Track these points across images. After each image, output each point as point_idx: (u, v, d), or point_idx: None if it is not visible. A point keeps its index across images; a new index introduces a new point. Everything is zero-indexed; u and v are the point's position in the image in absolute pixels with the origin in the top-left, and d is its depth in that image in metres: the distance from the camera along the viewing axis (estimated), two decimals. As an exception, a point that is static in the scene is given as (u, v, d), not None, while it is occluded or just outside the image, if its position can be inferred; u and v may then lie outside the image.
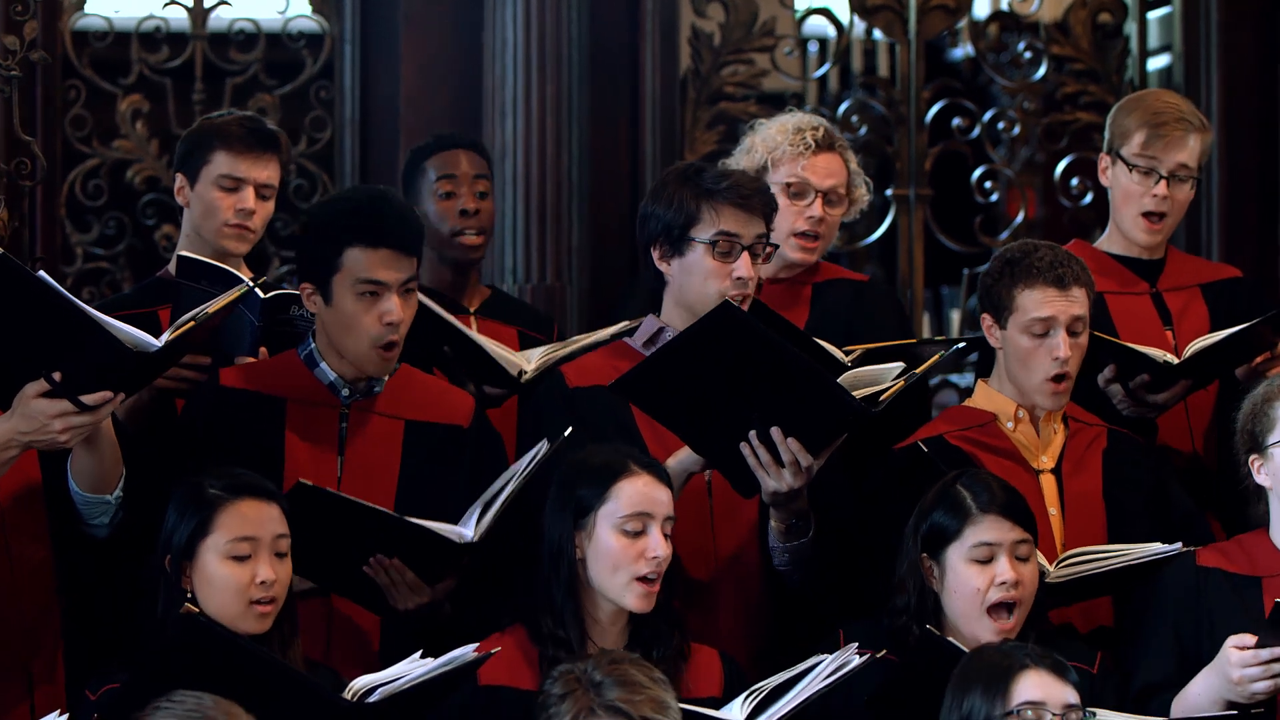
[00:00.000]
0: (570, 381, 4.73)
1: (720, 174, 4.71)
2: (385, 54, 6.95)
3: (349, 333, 4.56)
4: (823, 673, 4.16)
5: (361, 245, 4.52)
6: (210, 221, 5.01)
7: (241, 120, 5.07)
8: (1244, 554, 4.54)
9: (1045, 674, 4.07)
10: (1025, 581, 4.39)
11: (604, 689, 3.92)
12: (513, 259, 6.63)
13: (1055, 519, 4.81)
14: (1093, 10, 7.31)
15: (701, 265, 4.64)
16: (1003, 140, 7.35)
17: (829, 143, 5.27)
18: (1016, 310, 4.78)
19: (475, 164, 5.52)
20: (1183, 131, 5.24)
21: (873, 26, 7.22)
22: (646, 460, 4.35)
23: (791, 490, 4.46)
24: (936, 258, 7.41)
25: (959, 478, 4.46)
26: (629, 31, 6.93)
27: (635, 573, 4.24)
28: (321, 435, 4.61)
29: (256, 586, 4.17)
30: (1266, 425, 4.48)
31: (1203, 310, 5.36)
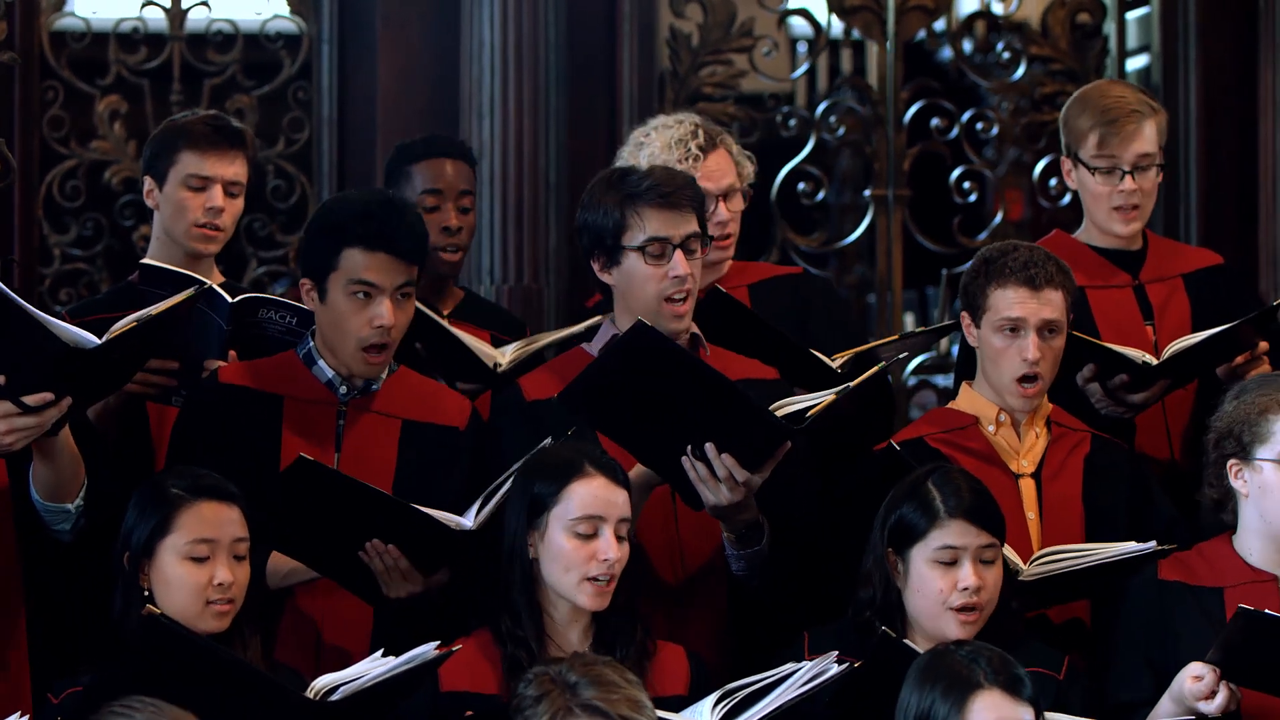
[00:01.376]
0: (528, 394, 4.72)
1: (641, 175, 4.67)
2: (363, 55, 6.95)
3: (339, 332, 4.57)
4: (800, 679, 4.15)
5: (360, 247, 4.53)
6: (179, 223, 5.01)
7: (206, 119, 5.06)
8: (1205, 564, 4.52)
9: (1000, 695, 4.03)
10: (988, 585, 4.38)
11: (579, 689, 3.91)
12: (490, 260, 6.63)
13: (1033, 523, 4.79)
14: (1071, 10, 7.31)
15: (638, 271, 4.62)
16: (989, 141, 7.35)
17: (711, 143, 5.21)
18: (989, 309, 4.78)
19: (462, 176, 5.50)
20: (1135, 124, 5.21)
21: (851, 27, 7.21)
22: (604, 460, 4.32)
23: (732, 504, 4.45)
24: (924, 259, 7.42)
25: (930, 474, 4.45)
26: (607, 32, 6.93)
27: (586, 574, 4.23)
28: (318, 432, 4.62)
29: (214, 588, 4.18)
30: (1259, 437, 4.44)
31: (1184, 303, 5.34)
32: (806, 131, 7.23)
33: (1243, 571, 4.48)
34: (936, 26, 7.30)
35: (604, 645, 4.27)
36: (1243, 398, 4.51)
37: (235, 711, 3.97)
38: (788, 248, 7.21)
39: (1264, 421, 4.44)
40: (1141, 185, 5.24)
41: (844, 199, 8.50)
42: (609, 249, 4.65)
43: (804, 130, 7.23)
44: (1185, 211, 7.15)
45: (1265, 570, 4.47)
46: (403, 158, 5.53)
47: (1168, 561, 4.55)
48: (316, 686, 3.98)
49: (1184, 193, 7.14)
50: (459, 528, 4.35)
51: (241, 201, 5.07)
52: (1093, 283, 5.27)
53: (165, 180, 5.01)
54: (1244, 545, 4.51)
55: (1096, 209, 5.29)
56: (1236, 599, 4.42)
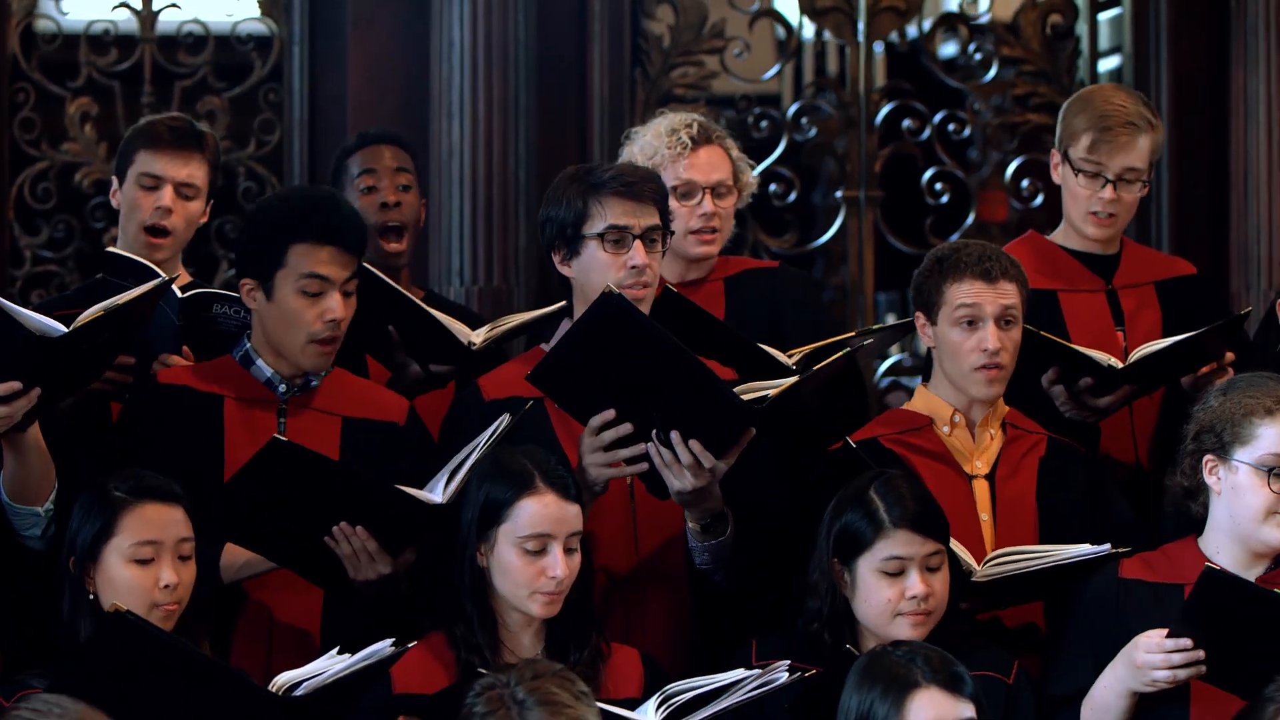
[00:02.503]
0: (487, 394, 4.70)
1: (605, 168, 4.69)
2: (333, 56, 6.95)
3: (289, 328, 4.57)
4: (746, 685, 4.14)
5: (308, 241, 4.54)
6: (131, 222, 5.01)
7: (166, 119, 5.08)
8: (1169, 563, 4.51)
9: (939, 692, 4.02)
10: (936, 592, 4.36)
11: (527, 709, 3.88)
12: (459, 261, 6.63)
13: (986, 525, 4.78)
14: (1043, 12, 7.31)
15: (596, 260, 4.61)
16: (970, 143, 7.35)
17: (706, 137, 5.22)
18: (945, 304, 4.77)
19: (398, 157, 5.52)
20: (1129, 136, 5.17)
21: (822, 28, 7.22)
22: (556, 474, 4.29)
23: (697, 489, 4.45)
24: (904, 261, 7.41)
25: (874, 481, 4.43)
26: (577, 33, 6.94)
27: (535, 589, 4.23)
28: (261, 431, 4.60)
29: (160, 590, 4.17)
30: (1239, 438, 4.41)
31: (1155, 310, 5.32)
32: (779, 133, 7.23)
33: None
34: (927, 26, 7.30)
35: (557, 649, 4.27)
36: (1230, 395, 4.48)
37: (198, 708, 3.97)
38: (759, 249, 7.21)
39: (1247, 424, 4.42)
40: (1123, 196, 5.21)
41: (829, 200, 8.49)
42: (569, 239, 4.65)
43: (776, 132, 7.23)
44: (1156, 212, 7.15)
45: (1231, 570, 4.45)
46: (340, 156, 5.59)
47: (1131, 560, 4.53)
48: (278, 682, 3.98)
49: (1155, 193, 7.13)
50: (431, 502, 4.35)
51: (198, 204, 5.06)
52: (1065, 286, 5.26)
53: (124, 180, 5.02)
54: (1210, 544, 4.49)
55: (1073, 208, 5.28)
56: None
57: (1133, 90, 5.38)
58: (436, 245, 6.65)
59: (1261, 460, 4.38)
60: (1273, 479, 4.37)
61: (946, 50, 7.58)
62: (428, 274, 6.65)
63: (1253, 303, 6.87)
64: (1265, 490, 4.37)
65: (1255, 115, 6.89)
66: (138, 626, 3.94)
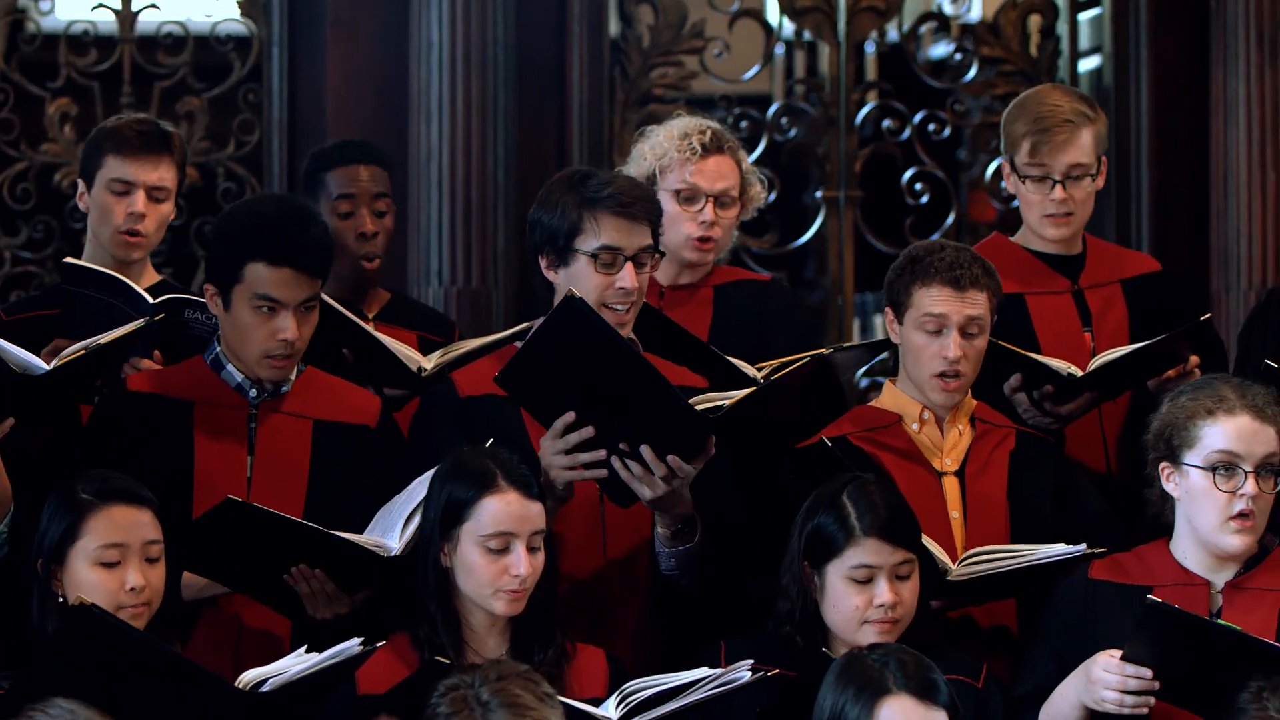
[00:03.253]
0: (461, 390, 4.70)
1: (604, 181, 4.66)
2: (312, 57, 6.95)
3: (242, 342, 4.59)
4: (708, 683, 4.14)
5: (264, 261, 4.52)
6: (104, 227, 5.00)
7: (134, 123, 5.05)
8: (1140, 564, 4.50)
9: (909, 700, 4.03)
10: (905, 600, 4.36)
11: (490, 711, 3.89)
12: (438, 262, 6.62)
13: (957, 522, 4.78)
14: (1023, 11, 7.31)
15: (585, 276, 4.60)
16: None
17: (718, 145, 5.22)
18: (912, 307, 4.77)
19: (376, 180, 5.47)
20: (1068, 133, 5.17)
21: (802, 28, 7.21)
22: (517, 473, 4.29)
23: (664, 497, 4.45)
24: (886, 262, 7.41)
25: (847, 486, 4.43)
26: (556, 33, 6.94)
27: (499, 587, 4.23)
28: (230, 436, 4.62)
29: (126, 593, 4.16)
30: (1186, 441, 4.42)
31: (1122, 309, 5.32)
32: (759, 133, 7.23)
33: (1176, 573, 4.46)
34: (907, 27, 7.30)
35: (521, 649, 4.27)
36: (1176, 401, 4.49)
37: (163, 705, 3.96)
38: (739, 250, 7.21)
39: (1192, 426, 4.43)
40: (1073, 194, 5.21)
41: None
42: (560, 249, 4.64)
43: (756, 132, 7.23)
44: (1137, 211, 7.15)
45: (1198, 574, 4.46)
46: (316, 165, 5.52)
47: (1101, 561, 4.54)
48: (245, 679, 3.97)
49: (1135, 192, 7.14)
50: (386, 553, 4.36)
51: (169, 206, 5.05)
52: (1031, 288, 5.25)
53: (93, 184, 5.01)
54: (1179, 549, 4.49)
55: (1029, 213, 5.30)
56: (1164, 598, 4.38)
57: (1068, 87, 5.44)
58: (415, 246, 6.65)
59: (1208, 460, 4.39)
60: (1218, 477, 4.38)
61: (939, 50, 7.57)
62: (406, 275, 6.66)
63: (1232, 303, 6.90)
64: (1215, 491, 4.38)
65: (1235, 115, 6.88)
66: (101, 620, 3.93)
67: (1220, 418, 4.40)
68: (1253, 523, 4.38)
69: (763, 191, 5.37)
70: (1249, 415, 4.40)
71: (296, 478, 4.61)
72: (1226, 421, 4.39)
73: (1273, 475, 4.39)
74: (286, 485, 4.58)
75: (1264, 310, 5.36)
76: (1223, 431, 4.39)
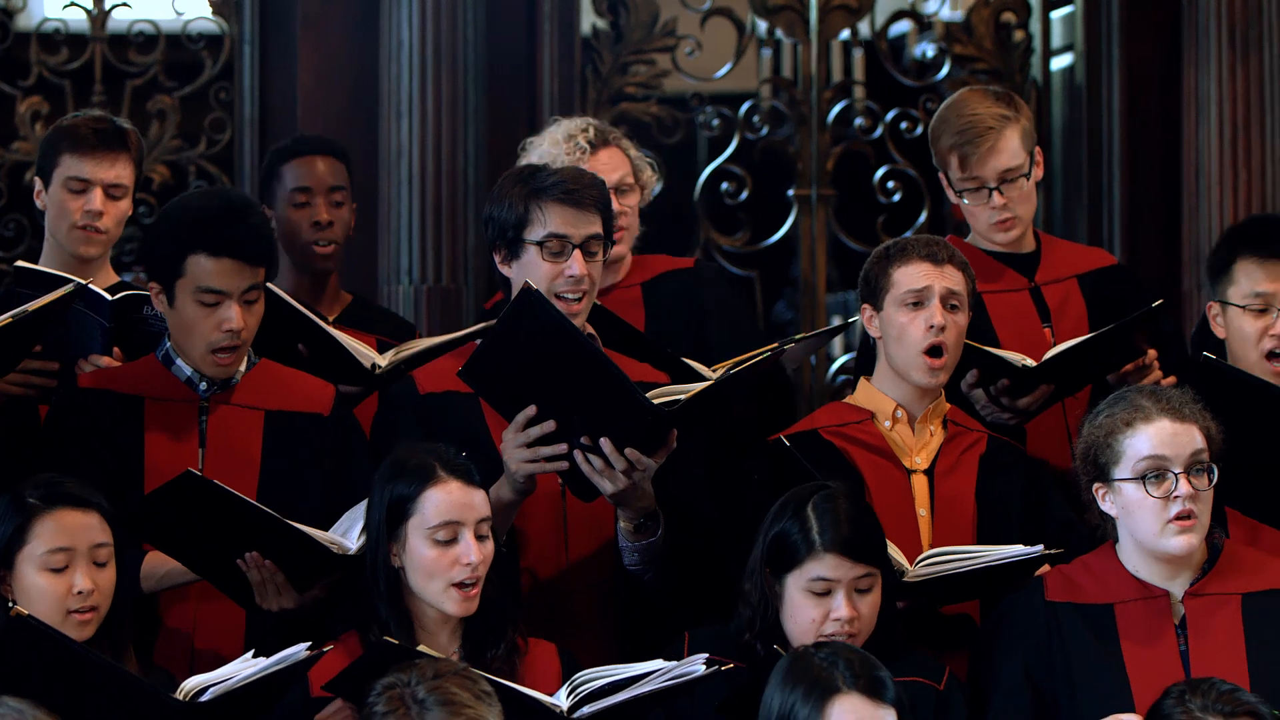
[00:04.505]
0: (421, 387, 4.72)
1: (550, 172, 4.70)
2: (284, 55, 6.95)
3: (188, 336, 4.61)
4: (663, 675, 4.14)
5: (205, 253, 4.55)
6: (61, 225, 5.00)
7: (89, 120, 5.04)
8: (1094, 579, 4.48)
9: (859, 698, 4.02)
10: (863, 615, 4.35)
11: (426, 708, 3.89)
12: (408, 260, 6.62)
13: (924, 520, 4.79)
14: (995, 10, 7.31)
15: (535, 266, 4.64)
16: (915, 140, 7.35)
17: (603, 140, 5.24)
18: (892, 288, 4.78)
19: (333, 172, 5.50)
20: (991, 141, 5.14)
21: (774, 26, 7.21)
22: (456, 463, 4.30)
23: (625, 491, 4.46)
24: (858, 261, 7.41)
25: (814, 496, 4.40)
26: (527, 32, 6.94)
27: (451, 579, 4.23)
28: (181, 430, 4.64)
29: (73, 596, 4.16)
30: (1112, 458, 4.41)
31: (1080, 304, 5.32)
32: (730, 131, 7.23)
33: (1133, 587, 4.45)
34: (879, 25, 7.31)
35: (473, 646, 4.27)
36: (1094, 420, 4.49)
37: (102, 715, 3.96)
38: (710, 248, 7.22)
39: (1114, 442, 4.42)
40: (1010, 196, 5.19)
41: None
42: (510, 242, 4.67)
43: (728, 130, 7.24)
44: (1108, 209, 7.15)
45: (1155, 585, 4.44)
46: (273, 160, 5.56)
47: (1054, 581, 4.51)
48: (186, 687, 3.97)
49: (1107, 191, 7.14)
50: (341, 550, 4.37)
51: (127, 203, 5.04)
52: (989, 287, 5.24)
53: (50, 182, 5.01)
54: (1128, 560, 4.48)
55: (975, 223, 5.29)
56: (1127, 616, 4.42)
57: (985, 89, 5.32)
58: (385, 245, 6.65)
59: (1136, 470, 4.38)
60: (1149, 485, 4.37)
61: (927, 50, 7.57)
62: (377, 273, 6.66)
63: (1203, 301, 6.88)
64: (1149, 499, 4.37)
65: (1207, 114, 6.89)
66: (38, 630, 3.93)
67: (1139, 427, 4.40)
68: (1194, 521, 4.37)
69: (655, 175, 5.39)
70: (1167, 418, 4.40)
71: (248, 469, 4.64)
72: (1146, 429, 4.39)
73: (1205, 473, 4.39)
74: (238, 477, 4.58)
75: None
76: (1145, 439, 4.38)
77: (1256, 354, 4.94)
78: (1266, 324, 4.93)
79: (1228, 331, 5.00)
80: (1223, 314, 5.00)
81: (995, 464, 4.87)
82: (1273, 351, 4.94)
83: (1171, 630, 4.40)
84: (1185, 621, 4.41)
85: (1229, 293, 4.99)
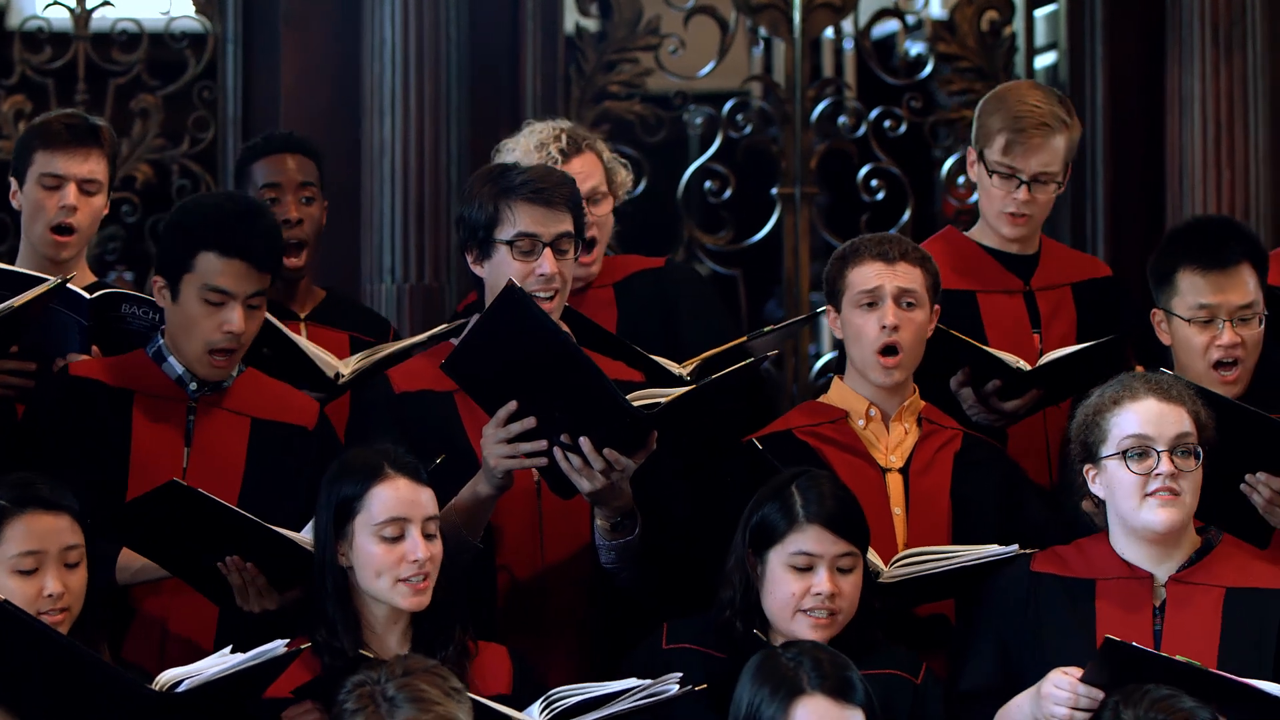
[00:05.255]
0: (396, 386, 4.73)
1: (520, 171, 4.70)
2: (267, 54, 6.95)
3: (187, 334, 4.61)
4: (637, 694, 4.15)
5: (216, 252, 4.57)
6: (36, 223, 5.00)
7: (61, 117, 5.05)
8: (1082, 558, 4.50)
9: (824, 700, 4.04)
10: (844, 593, 4.36)
11: (396, 705, 3.89)
12: (390, 259, 6.63)
13: (899, 519, 4.79)
14: (979, 8, 7.31)
15: (506, 265, 4.64)
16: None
17: (576, 147, 5.22)
18: (848, 289, 4.80)
19: (302, 169, 5.48)
20: (1043, 138, 5.16)
21: (758, 24, 7.21)
22: (403, 461, 4.31)
23: (603, 490, 4.46)
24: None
25: (797, 477, 4.44)
26: (510, 31, 6.94)
27: (398, 575, 4.23)
28: (168, 427, 4.66)
29: (44, 599, 4.15)
30: (1099, 436, 4.44)
31: (1071, 313, 5.32)
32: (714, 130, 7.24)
33: (1118, 566, 4.47)
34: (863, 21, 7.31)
35: (423, 647, 4.26)
36: (1085, 403, 4.52)
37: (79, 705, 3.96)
38: (694, 246, 7.23)
39: (1101, 421, 4.44)
40: (1037, 197, 5.20)
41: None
42: (481, 242, 4.68)
43: (711, 129, 7.24)
44: (1092, 208, 7.15)
45: (1141, 567, 4.46)
46: (244, 158, 5.55)
47: (1042, 554, 4.54)
48: (162, 680, 3.97)
49: (1090, 189, 7.14)
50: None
51: (101, 199, 5.04)
52: (984, 287, 5.25)
53: (25, 181, 5.01)
54: (1117, 544, 4.49)
55: (988, 206, 5.28)
56: (1108, 591, 4.44)
57: (1049, 88, 5.35)
58: (368, 243, 6.66)
59: (1121, 446, 4.40)
60: (1131, 461, 4.38)
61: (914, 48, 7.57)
62: (359, 272, 6.66)
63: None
64: (1130, 474, 4.38)
65: (1190, 112, 6.89)
66: (15, 617, 3.93)
67: (1126, 405, 4.42)
68: (1175, 496, 4.37)
69: (629, 176, 5.36)
70: (1154, 398, 4.42)
71: (232, 473, 4.65)
72: (1132, 407, 4.41)
73: (1191, 455, 4.40)
74: (221, 480, 4.60)
75: None
76: (1130, 417, 4.41)
77: (1204, 364, 4.89)
78: (1213, 335, 4.89)
79: (1173, 340, 4.96)
80: (1167, 322, 4.96)
81: (970, 462, 4.87)
82: (1220, 361, 4.90)
83: (1150, 610, 4.42)
84: (1165, 606, 4.42)
85: (1173, 303, 4.93)
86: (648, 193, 6.99)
